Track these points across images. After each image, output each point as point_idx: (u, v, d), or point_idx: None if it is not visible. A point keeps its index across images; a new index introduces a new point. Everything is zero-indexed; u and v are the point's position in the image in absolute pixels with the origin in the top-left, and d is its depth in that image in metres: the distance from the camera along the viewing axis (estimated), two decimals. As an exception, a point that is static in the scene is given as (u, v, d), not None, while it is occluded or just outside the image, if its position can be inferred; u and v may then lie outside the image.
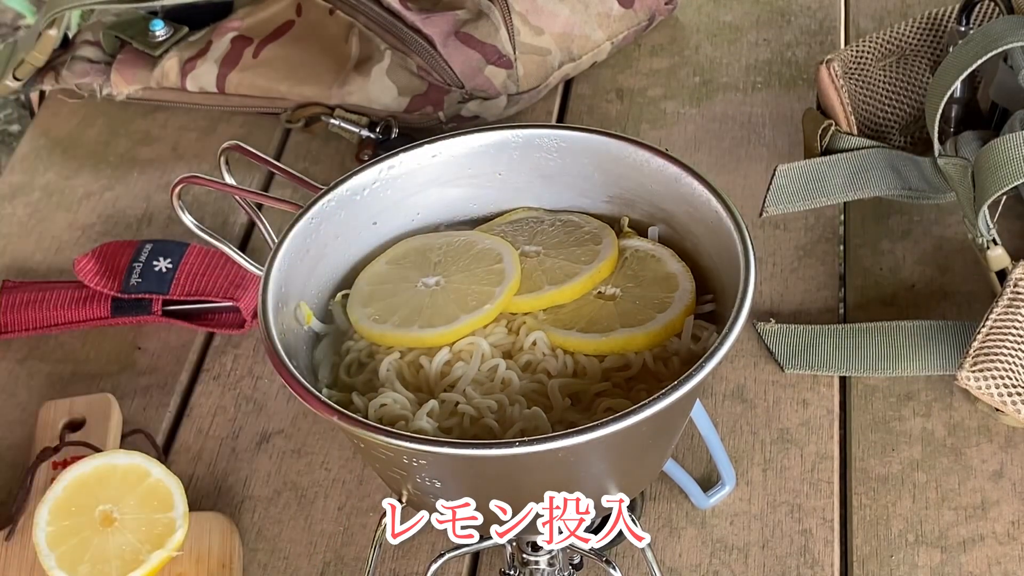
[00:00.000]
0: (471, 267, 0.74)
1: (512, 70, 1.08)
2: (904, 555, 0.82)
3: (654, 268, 0.74)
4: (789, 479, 0.86)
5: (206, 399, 0.94)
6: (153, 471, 0.81)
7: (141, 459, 0.82)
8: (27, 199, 1.10)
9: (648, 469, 0.72)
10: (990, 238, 0.90)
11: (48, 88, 1.17)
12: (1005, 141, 0.87)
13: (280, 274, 0.70)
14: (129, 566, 0.78)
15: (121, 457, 0.82)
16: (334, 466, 0.90)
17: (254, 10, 1.14)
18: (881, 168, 0.97)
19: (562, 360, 0.70)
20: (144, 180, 1.11)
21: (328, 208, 0.73)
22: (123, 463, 0.82)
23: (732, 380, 0.92)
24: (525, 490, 0.66)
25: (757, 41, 1.17)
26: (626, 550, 0.83)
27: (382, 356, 0.72)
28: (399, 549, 0.84)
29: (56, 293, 0.98)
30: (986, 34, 0.91)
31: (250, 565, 0.85)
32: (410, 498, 0.69)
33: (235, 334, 0.98)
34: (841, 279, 0.98)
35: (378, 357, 0.72)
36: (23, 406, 0.95)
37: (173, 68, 1.12)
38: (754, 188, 1.03)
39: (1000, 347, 0.83)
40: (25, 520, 0.83)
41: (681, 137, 1.10)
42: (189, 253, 0.98)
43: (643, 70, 1.16)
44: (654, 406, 0.62)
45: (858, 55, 1.02)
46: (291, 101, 1.11)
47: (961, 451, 0.87)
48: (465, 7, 1.08)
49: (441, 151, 0.76)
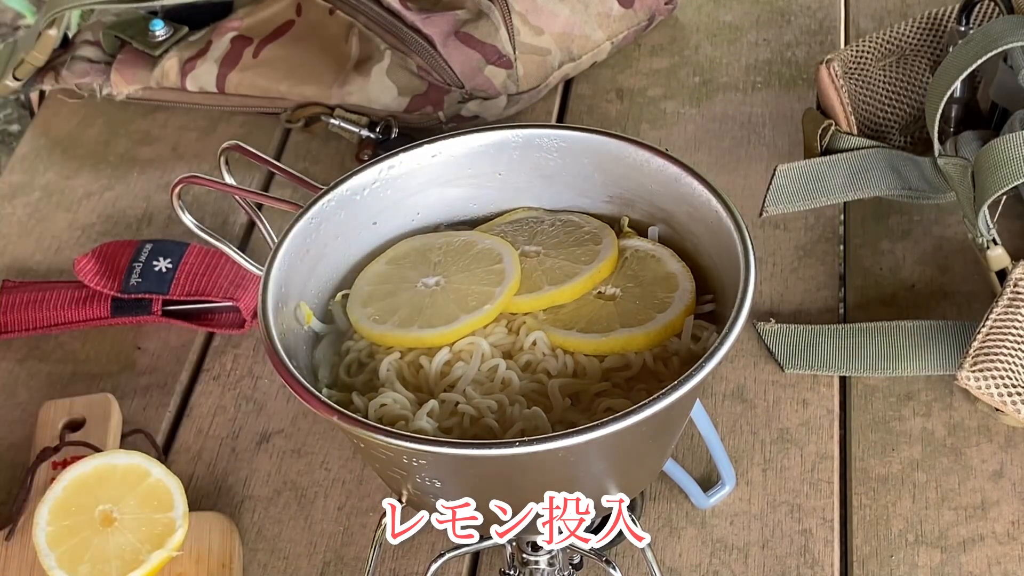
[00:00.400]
0: (471, 267, 0.74)
1: (512, 70, 1.08)
2: (904, 555, 0.82)
3: (654, 268, 0.74)
4: (789, 479, 0.86)
5: (206, 399, 0.94)
6: (153, 471, 0.81)
7: (141, 459, 0.82)
8: (27, 199, 1.10)
9: (648, 469, 0.72)
10: (990, 238, 0.90)
11: (48, 88, 1.17)
12: (1005, 141, 0.87)
13: (280, 274, 0.70)
14: (129, 566, 0.78)
15: (121, 457, 0.82)
16: (334, 466, 0.90)
17: (254, 10, 1.14)
18: (881, 168, 0.97)
19: (562, 360, 0.70)
20: (144, 180, 1.11)
21: (328, 208, 0.73)
22: (123, 463, 0.82)
23: (732, 380, 0.92)
24: (525, 490, 0.66)
25: (757, 41, 1.17)
26: (626, 550, 0.83)
27: (382, 356, 0.72)
28: (399, 549, 0.84)
29: (56, 293, 0.98)
30: (986, 34, 0.91)
31: (250, 565, 0.85)
32: (410, 498, 0.69)
33: (235, 334, 0.98)
34: (841, 279, 0.98)
35: (378, 357, 0.72)
36: (23, 406, 0.95)
37: (173, 68, 1.12)
38: (754, 188, 1.03)
39: (1000, 347, 0.83)
40: (25, 520, 0.83)
41: (681, 137, 1.10)
42: (189, 253, 0.98)
43: (643, 70, 1.16)
44: (654, 406, 0.62)
45: (858, 55, 1.02)
46: (291, 101, 1.11)
47: (961, 451, 0.87)
48: (465, 7, 1.08)
49: (441, 151, 0.76)
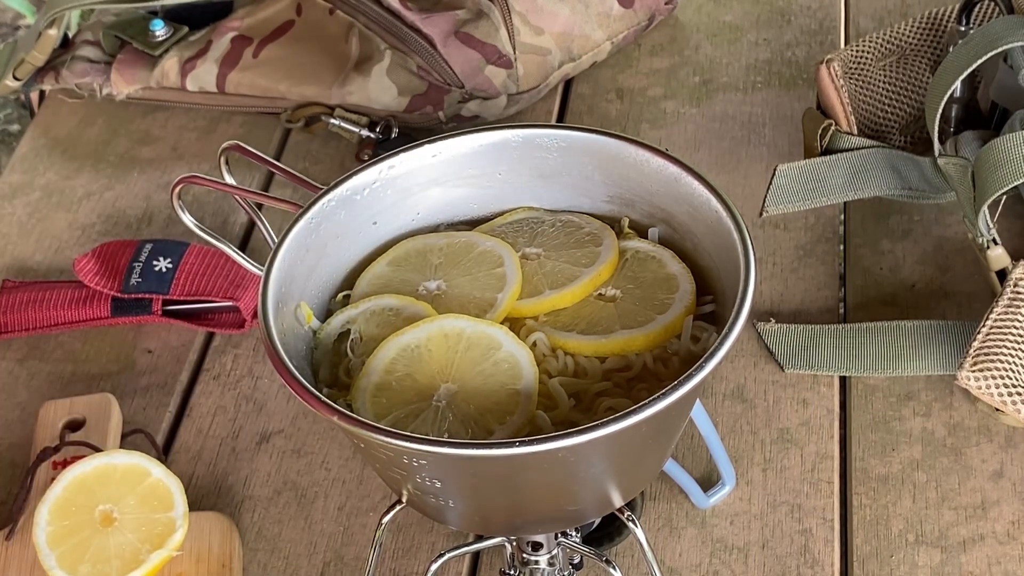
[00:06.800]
0: (472, 270, 0.73)
1: (512, 70, 1.08)
2: (904, 555, 0.82)
3: (654, 269, 0.74)
4: (789, 479, 0.86)
5: (206, 399, 0.94)
6: (153, 471, 0.81)
7: (141, 459, 0.82)
8: (27, 199, 1.10)
9: (648, 469, 0.72)
10: (990, 238, 0.90)
11: (48, 88, 1.17)
12: (1005, 141, 0.87)
13: (280, 274, 0.70)
14: (129, 566, 0.78)
15: (121, 457, 0.82)
16: (334, 466, 0.90)
17: (254, 10, 1.14)
18: (881, 168, 0.97)
19: (563, 361, 0.70)
20: (144, 180, 1.11)
21: (328, 208, 0.73)
22: (123, 463, 0.82)
23: (732, 380, 0.92)
24: (526, 490, 0.66)
25: (757, 41, 1.17)
26: (626, 550, 0.83)
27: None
28: (399, 549, 0.85)
29: (56, 293, 0.98)
30: (986, 34, 0.91)
31: (250, 565, 0.85)
32: (410, 498, 0.69)
33: (235, 334, 0.98)
34: (841, 279, 0.98)
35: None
36: (23, 406, 0.95)
37: (173, 68, 1.12)
38: (754, 188, 1.03)
39: (1000, 347, 0.83)
40: (25, 520, 0.83)
41: (681, 137, 1.10)
42: (189, 253, 0.98)
43: (643, 70, 1.16)
44: (654, 406, 0.62)
45: (858, 55, 1.02)
46: (291, 101, 1.11)
47: (961, 451, 0.87)
48: (465, 7, 1.08)
49: (441, 151, 0.76)
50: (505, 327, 0.70)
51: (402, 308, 0.72)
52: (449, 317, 0.70)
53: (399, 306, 0.72)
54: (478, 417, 0.67)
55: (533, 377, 0.68)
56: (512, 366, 0.68)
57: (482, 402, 0.67)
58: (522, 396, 0.67)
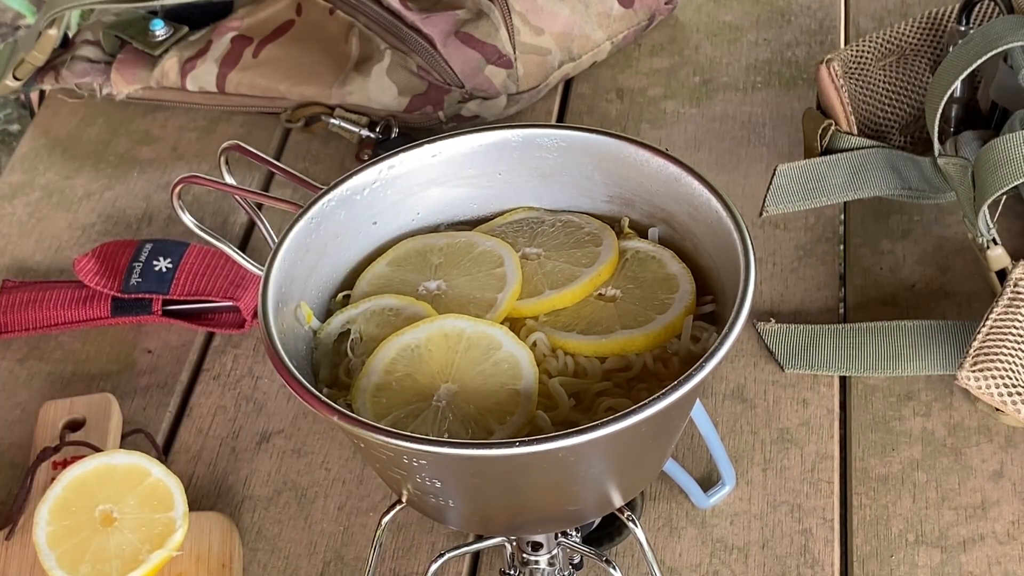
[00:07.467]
0: (472, 270, 0.73)
1: (512, 70, 1.08)
2: (904, 555, 0.82)
3: (654, 270, 0.74)
4: (789, 479, 0.86)
5: (206, 399, 0.94)
6: (153, 471, 0.81)
7: (141, 459, 0.82)
8: (27, 199, 1.10)
9: (648, 469, 0.72)
10: (990, 238, 0.90)
11: (48, 88, 1.17)
12: (1005, 141, 0.87)
13: (280, 274, 0.70)
14: (129, 566, 0.78)
15: (121, 457, 0.82)
16: (334, 466, 0.90)
17: (254, 10, 1.14)
18: (881, 168, 0.97)
19: (563, 361, 0.70)
20: (144, 180, 1.11)
21: (328, 208, 0.73)
22: (123, 463, 0.82)
23: (732, 380, 0.92)
24: (526, 490, 0.66)
25: (757, 41, 1.17)
26: (626, 550, 0.83)
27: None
28: (399, 549, 0.85)
29: (56, 293, 0.98)
30: (986, 34, 0.91)
31: (250, 565, 0.85)
32: (410, 498, 0.69)
33: (235, 334, 0.98)
34: (841, 279, 0.98)
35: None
36: (23, 406, 0.95)
37: (173, 68, 1.12)
38: (754, 188, 1.03)
39: (1000, 347, 0.83)
40: (25, 520, 0.83)
41: (681, 137, 1.10)
42: (189, 253, 0.98)
43: (643, 70, 1.16)
44: (654, 406, 0.62)
45: (858, 55, 1.02)
46: (291, 101, 1.11)
47: (961, 451, 0.87)
48: (465, 7, 1.08)
49: (441, 151, 0.76)
50: (505, 327, 0.70)
51: (402, 308, 0.72)
52: (449, 317, 0.70)
53: (399, 306, 0.72)
54: (478, 417, 0.67)
55: (533, 377, 0.68)
56: (512, 366, 0.68)
57: (482, 402, 0.67)
58: (522, 396, 0.67)
